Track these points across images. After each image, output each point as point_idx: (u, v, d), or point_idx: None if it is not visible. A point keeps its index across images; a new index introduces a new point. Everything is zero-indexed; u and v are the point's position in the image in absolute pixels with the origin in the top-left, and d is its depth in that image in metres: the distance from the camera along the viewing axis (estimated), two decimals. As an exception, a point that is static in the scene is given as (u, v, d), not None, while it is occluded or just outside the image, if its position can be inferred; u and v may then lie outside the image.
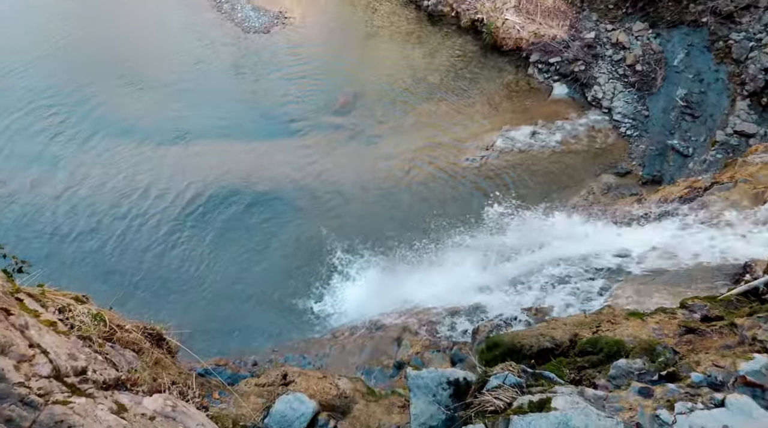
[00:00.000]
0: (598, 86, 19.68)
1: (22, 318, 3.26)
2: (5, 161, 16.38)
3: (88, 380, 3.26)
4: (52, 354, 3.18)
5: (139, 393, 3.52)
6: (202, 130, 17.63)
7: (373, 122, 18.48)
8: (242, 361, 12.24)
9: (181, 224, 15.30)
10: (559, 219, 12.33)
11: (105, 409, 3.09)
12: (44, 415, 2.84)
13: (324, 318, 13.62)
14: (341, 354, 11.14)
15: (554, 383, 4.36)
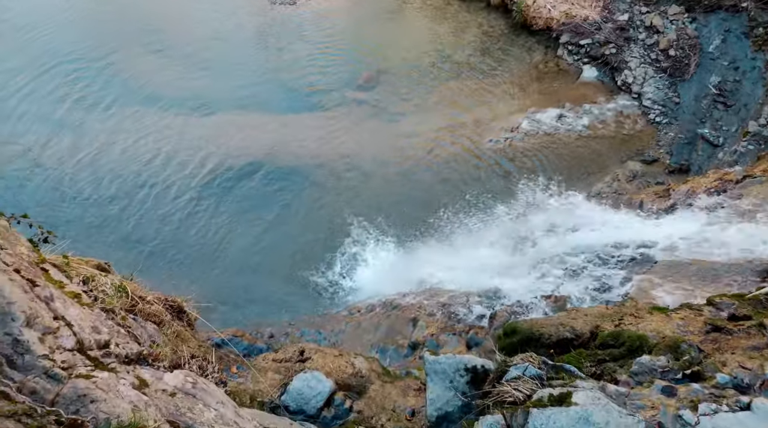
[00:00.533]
0: (628, 70, 19.18)
1: (47, 289, 3.27)
2: (27, 124, 16.53)
3: (110, 354, 3.27)
4: (76, 326, 3.19)
5: (161, 368, 3.53)
6: (225, 100, 17.59)
7: (397, 99, 18.27)
8: (259, 333, 12.37)
9: (200, 194, 15.37)
10: (582, 206, 12.14)
11: (127, 384, 3.10)
12: (67, 389, 2.85)
13: (340, 295, 13.67)
14: (356, 332, 11.19)
15: (575, 376, 4.30)
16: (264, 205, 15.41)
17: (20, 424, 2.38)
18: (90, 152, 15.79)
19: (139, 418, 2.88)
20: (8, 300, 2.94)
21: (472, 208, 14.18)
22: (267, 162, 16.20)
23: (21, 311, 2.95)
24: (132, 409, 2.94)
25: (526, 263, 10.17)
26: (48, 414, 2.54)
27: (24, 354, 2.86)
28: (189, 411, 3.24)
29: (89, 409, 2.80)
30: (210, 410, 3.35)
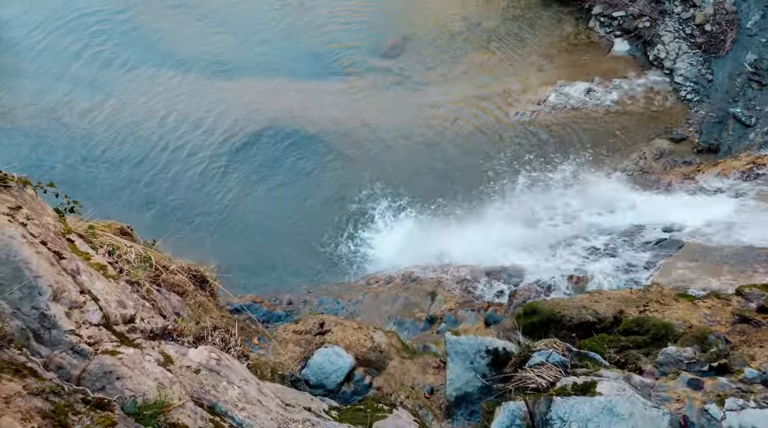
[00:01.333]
0: (661, 45, 18.53)
1: (73, 262, 3.26)
2: (49, 82, 16.53)
3: (136, 329, 3.28)
4: (102, 301, 3.19)
5: (185, 343, 3.53)
6: (245, 61, 17.39)
7: (422, 68, 17.92)
8: (278, 299, 12.47)
9: (218, 157, 15.36)
10: (608, 184, 11.89)
11: (152, 361, 3.11)
12: (94, 365, 2.86)
13: (358, 264, 13.70)
14: (374, 303, 11.22)
15: (599, 365, 4.24)
16: (283, 171, 15.37)
17: (48, 403, 2.39)
18: (110, 111, 15.79)
19: (164, 396, 2.89)
20: (35, 273, 2.94)
21: (494, 182, 13.99)
22: (287, 127, 16.09)
23: (48, 285, 2.94)
24: (157, 387, 2.95)
25: (547, 241, 10.04)
26: (75, 393, 2.55)
27: (51, 329, 2.87)
28: (213, 389, 3.25)
29: (115, 386, 2.82)
30: (234, 387, 3.36)
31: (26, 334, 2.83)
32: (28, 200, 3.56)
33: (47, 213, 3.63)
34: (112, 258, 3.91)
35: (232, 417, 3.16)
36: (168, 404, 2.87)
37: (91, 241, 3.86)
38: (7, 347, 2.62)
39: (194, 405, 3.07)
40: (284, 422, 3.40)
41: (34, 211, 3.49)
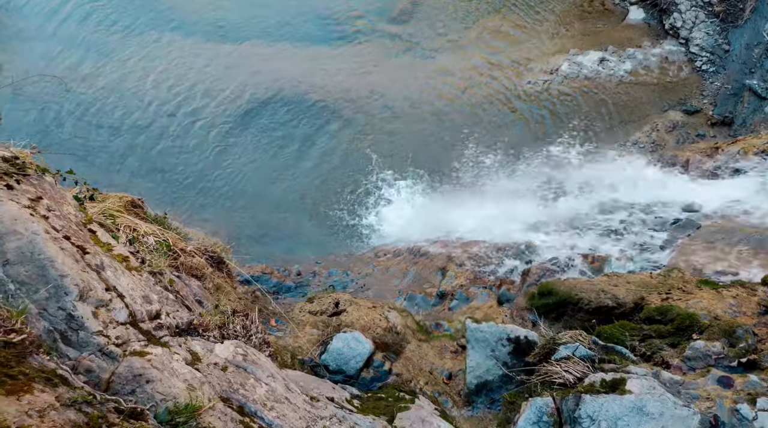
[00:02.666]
0: (678, 13, 18.03)
1: (97, 257, 3.15)
2: (60, 49, 16.19)
3: (162, 326, 3.19)
4: (128, 298, 3.09)
5: (210, 338, 3.45)
6: (253, 28, 17.00)
7: (432, 34, 17.50)
8: (286, 270, 12.45)
9: (226, 125, 15.14)
10: (622, 159, 11.70)
11: (180, 360, 3.03)
12: (123, 368, 2.78)
13: (366, 236, 13.63)
14: (384, 276, 11.18)
15: (627, 359, 4.18)
16: (290, 139, 15.16)
17: (81, 414, 2.31)
18: (115, 76, 15.51)
19: (195, 399, 2.82)
20: (61, 272, 2.83)
21: (505, 154, 13.79)
22: (292, 94, 15.81)
23: (74, 284, 2.84)
24: (187, 388, 2.88)
25: (561, 217, 9.91)
26: (106, 402, 2.47)
27: (78, 330, 2.78)
28: (242, 388, 3.18)
29: (145, 390, 2.74)
30: (261, 385, 3.29)
31: (53, 336, 2.74)
32: (47, 189, 3.42)
33: (67, 202, 3.50)
34: (133, 248, 3.80)
35: (262, 417, 3.10)
36: (199, 407, 2.80)
37: (112, 230, 3.74)
38: (36, 352, 2.53)
39: (224, 406, 3.01)
40: (312, 420, 3.35)
41: (54, 200, 3.36)
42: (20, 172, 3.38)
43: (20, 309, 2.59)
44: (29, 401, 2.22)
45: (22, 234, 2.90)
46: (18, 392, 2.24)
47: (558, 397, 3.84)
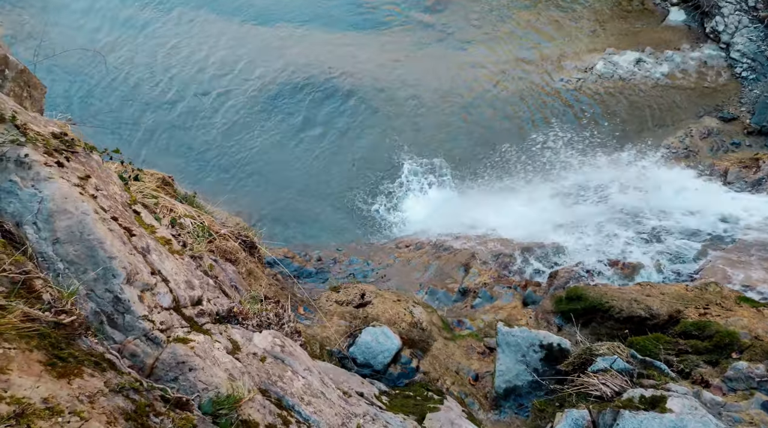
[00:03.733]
0: (720, 17, 17.57)
1: (143, 239, 3.12)
2: (100, 24, 16.25)
3: (204, 312, 3.16)
4: (172, 283, 3.06)
5: (249, 327, 3.42)
6: (290, 13, 16.91)
7: (466, 25, 17.27)
8: (307, 255, 12.45)
9: (257, 107, 15.13)
10: (656, 164, 11.46)
11: (221, 348, 3.00)
12: (166, 354, 2.75)
13: (388, 226, 13.57)
14: (405, 268, 11.12)
15: (666, 376, 4.08)
16: (317, 124, 15.10)
17: (129, 401, 2.28)
18: (150, 53, 15.54)
19: (236, 389, 2.79)
20: (109, 254, 2.80)
21: (535, 151, 13.60)
22: (323, 79, 15.72)
23: (122, 267, 2.81)
24: (228, 378, 2.84)
25: (591, 221, 9.74)
26: (152, 389, 2.44)
27: (124, 313, 2.75)
28: (280, 380, 3.14)
29: (188, 378, 2.71)
30: (298, 378, 3.26)
31: (100, 318, 2.72)
32: (95, 167, 3.39)
33: (113, 181, 3.47)
34: (174, 231, 3.77)
35: (299, 412, 3.06)
36: (240, 398, 2.77)
37: (154, 212, 3.71)
38: (85, 335, 2.51)
39: (263, 398, 2.98)
40: (347, 416, 3.30)
41: (101, 179, 3.33)
42: (69, 150, 3.35)
43: (71, 290, 2.56)
44: (79, 385, 2.20)
45: (73, 214, 2.88)
46: (69, 375, 2.21)
47: (595, 410, 3.75)
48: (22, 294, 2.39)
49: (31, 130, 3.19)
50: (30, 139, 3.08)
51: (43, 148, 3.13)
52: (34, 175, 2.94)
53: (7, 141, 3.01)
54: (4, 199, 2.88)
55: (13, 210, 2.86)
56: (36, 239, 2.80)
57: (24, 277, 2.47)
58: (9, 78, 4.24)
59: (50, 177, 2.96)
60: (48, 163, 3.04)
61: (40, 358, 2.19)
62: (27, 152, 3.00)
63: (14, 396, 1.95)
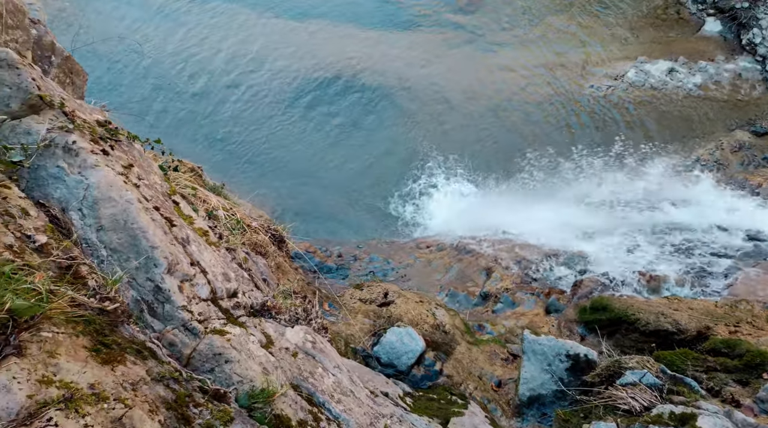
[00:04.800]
0: (758, 29, 17.23)
1: (183, 230, 3.15)
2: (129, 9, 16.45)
3: (239, 305, 3.18)
4: (210, 274, 3.09)
5: (281, 321, 3.44)
6: (321, 9, 16.94)
7: (497, 27, 17.16)
8: (328, 250, 12.49)
9: (284, 102, 15.20)
10: (688, 177, 11.29)
11: (256, 342, 3.02)
12: (203, 345, 2.78)
13: (409, 226, 13.55)
14: (426, 269, 11.10)
15: (696, 393, 4.01)
16: (343, 120, 15.13)
17: (169, 391, 2.31)
18: (183, 43, 15.69)
19: (269, 383, 2.81)
20: (152, 243, 2.84)
21: (561, 157, 13.47)
22: (353, 77, 15.74)
23: (163, 257, 2.84)
24: (262, 372, 2.86)
25: (617, 230, 9.63)
26: (191, 380, 2.47)
27: (164, 303, 2.78)
28: (311, 376, 3.16)
29: (224, 370, 2.74)
30: (329, 375, 3.27)
31: (140, 306, 2.75)
32: (137, 157, 3.44)
33: (153, 171, 3.51)
34: (211, 222, 3.81)
35: (330, 409, 3.07)
36: (274, 392, 2.79)
37: (192, 203, 3.75)
38: (127, 322, 2.54)
39: (294, 394, 2.99)
40: (375, 417, 3.31)
41: (143, 169, 3.37)
42: (113, 138, 3.40)
43: (115, 277, 2.59)
44: (123, 372, 2.23)
45: (117, 201, 2.91)
46: (112, 362, 2.24)
47: (623, 424, 3.71)
48: (69, 280, 2.43)
49: (79, 117, 3.23)
50: (77, 126, 3.13)
51: (89, 135, 3.17)
52: (81, 162, 2.99)
53: (56, 127, 3.06)
54: (51, 185, 2.92)
55: (59, 195, 2.90)
56: (81, 225, 2.84)
57: (71, 263, 2.51)
58: (55, 64, 4.31)
59: (96, 164, 3.00)
60: (94, 151, 3.08)
61: (85, 344, 2.22)
62: (75, 139, 3.04)
63: (63, 380, 1.98)
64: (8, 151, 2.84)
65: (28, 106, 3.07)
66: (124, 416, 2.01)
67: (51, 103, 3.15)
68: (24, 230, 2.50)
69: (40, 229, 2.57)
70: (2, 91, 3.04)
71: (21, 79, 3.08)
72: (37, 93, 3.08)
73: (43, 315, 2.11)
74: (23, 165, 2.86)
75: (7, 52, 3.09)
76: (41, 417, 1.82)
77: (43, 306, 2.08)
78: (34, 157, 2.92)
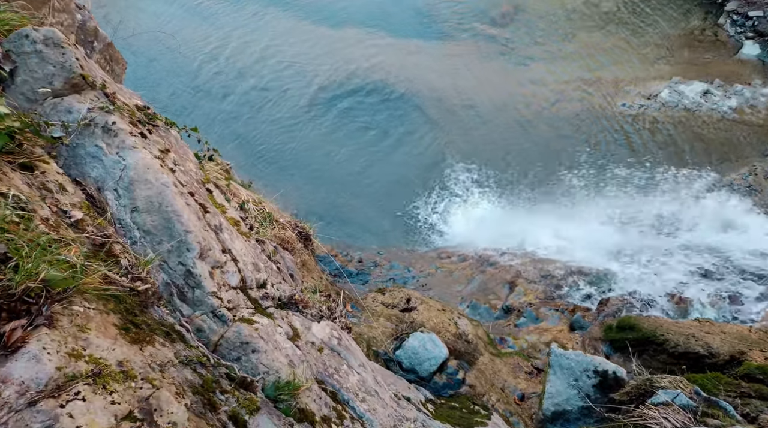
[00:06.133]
0: (798, 54, 16.91)
1: (217, 217, 3.12)
2: (165, 8, 16.71)
3: (268, 296, 3.13)
4: (240, 263, 3.04)
5: (308, 315, 3.38)
6: (356, 17, 17.03)
7: (530, 41, 17.06)
8: (349, 255, 12.45)
9: (314, 106, 15.25)
10: (720, 199, 11.02)
11: (283, 334, 2.96)
12: (231, 333, 2.73)
13: (431, 235, 13.45)
14: (447, 279, 10.98)
15: (731, 417, 3.85)
16: (371, 126, 15.12)
17: (196, 375, 2.26)
18: (216, 44, 15.88)
19: (295, 376, 2.74)
20: (186, 227, 2.80)
21: (589, 174, 13.27)
22: (383, 84, 15.74)
23: (196, 241, 2.80)
24: (288, 364, 2.80)
25: (645, 250, 9.42)
26: (218, 366, 2.42)
27: (195, 287, 2.74)
28: (336, 373, 3.09)
29: (251, 359, 2.68)
30: (354, 373, 3.19)
31: (170, 290, 2.71)
32: (173, 143, 3.42)
33: (189, 158, 3.49)
34: (243, 213, 3.78)
35: (354, 407, 2.99)
36: (299, 386, 2.72)
37: (225, 193, 3.72)
38: (157, 304, 2.50)
39: (319, 389, 2.92)
40: (398, 419, 3.22)
41: (179, 155, 3.36)
42: (151, 123, 3.39)
43: (148, 258, 2.56)
44: (151, 353, 2.18)
45: (153, 184, 2.89)
46: (141, 342, 2.20)
47: (654, 444, 3.58)
48: (102, 258, 2.40)
49: (119, 99, 3.23)
50: (117, 107, 3.12)
51: (129, 118, 3.16)
52: (120, 143, 2.98)
53: (96, 107, 3.06)
54: (89, 164, 2.92)
55: (96, 175, 2.89)
56: (116, 206, 2.82)
57: (105, 241, 2.48)
58: (97, 50, 4.34)
59: (134, 146, 2.99)
60: (133, 133, 3.07)
61: (115, 322, 2.19)
62: (114, 120, 3.04)
63: (92, 355, 1.94)
64: (49, 126, 2.84)
65: (70, 85, 3.08)
66: (151, 396, 1.96)
67: (93, 84, 3.15)
68: (61, 205, 2.49)
69: (76, 205, 2.55)
70: (46, 69, 3.05)
71: (65, 58, 3.09)
72: (80, 72, 3.09)
73: (76, 289, 2.08)
74: (63, 142, 2.86)
75: (54, 31, 3.10)
76: (69, 390, 1.78)
77: (77, 279, 2.05)
78: (74, 135, 2.92)
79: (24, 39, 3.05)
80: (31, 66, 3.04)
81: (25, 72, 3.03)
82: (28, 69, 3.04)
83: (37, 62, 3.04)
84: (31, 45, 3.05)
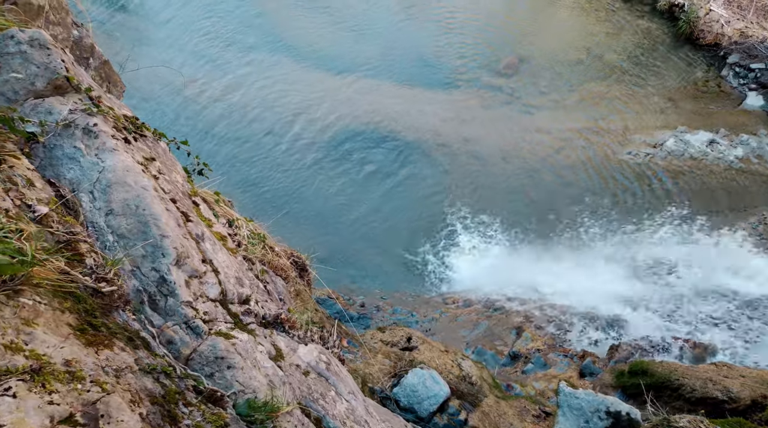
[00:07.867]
0: (802, 105, 16.98)
1: (199, 227, 2.92)
2: (174, 54, 17.07)
3: (251, 312, 2.89)
4: (222, 274, 2.83)
5: (295, 337, 3.12)
6: (363, 65, 17.33)
7: (534, 91, 17.22)
8: (351, 299, 12.17)
9: (319, 152, 15.29)
10: (729, 246, 10.76)
11: (264, 352, 2.71)
12: (205, 346, 2.48)
13: (435, 280, 13.19)
14: (452, 324, 10.63)
15: (759, 463, 3.50)
16: (376, 172, 15.08)
17: (158, 385, 2.01)
18: (222, 89, 16.11)
19: (274, 398, 2.48)
20: (162, 232, 2.61)
21: (595, 221, 13.07)
22: (386, 129, 15.82)
23: (173, 247, 2.60)
24: (267, 384, 2.54)
25: (656, 296, 9.10)
26: (186, 377, 2.17)
27: (168, 296, 2.52)
28: (322, 398, 2.81)
29: (225, 376, 2.43)
30: (342, 401, 2.91)
31: (141, 297, 2.49)
32: (160, 153, 3.27)
33: (177, 170, 3.34)
34: (231, 230, 3.58)
35: (340, 437, 2.70)
36: (278, 408, 2.45)
37: (213, 208, 3.54)
38: (123, 309, 2.28)
39: (302, 414, 2.64)
40: (391, 453, 2.91)
41: (165, 165, 3.20)
42: (138, 132, 3.26)
43: (115, 258, 2.36)
44: (107, 357, 1.95)
45: (131, 187, 2.72)
46: (98, 344, 1.97)
47: (675, 489, 3.23)
48: (64, 254, 2.20)
49: (104, 104, 3.11)
50: (101, 110, 2.99)
51: (113, 122, 3.03)
52: (100, 145, 2.82)
53: (79, 109, 2.93)
54: (65, 165, 2.75)
55: (72, 176, 2.73)
56: (90, 208, 2.64)
57: (70, 238, 2.29)
58: (92, 67, 4.26)
59: (115, 148, 2.83)
60: (115, 136, 2.92)
61: (70, 321, 1.97)
62: (96, 122, 2.90)
63: (35, 351, 1.71)
64: (24, 122, 2.70)
65: (53, 86, 2.96)
66: (100, 401, 1.72)
67: (78, 87, 3.03)
68: (26, 199, 2.31)
69: (42, 201, 2.37)
70: (29, 69, 2.94)
71: (50, 59, 2.98)
72: (64, 74, 2.97)
73: (27, 281, 1.87)
74: (38, 139, 2.71)
75: (40, 32, 3.02)
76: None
77: (26, 266, 1.84)
78: (52, 134, 2.77)
79: (9, 40, 2.96)
80: (14, 66, 2.93)
81: (7, 72, 2.93)
82: (11, 70, 2.93)
83: (20, 63, 2.93)
84: (16, 46, 2.96)
